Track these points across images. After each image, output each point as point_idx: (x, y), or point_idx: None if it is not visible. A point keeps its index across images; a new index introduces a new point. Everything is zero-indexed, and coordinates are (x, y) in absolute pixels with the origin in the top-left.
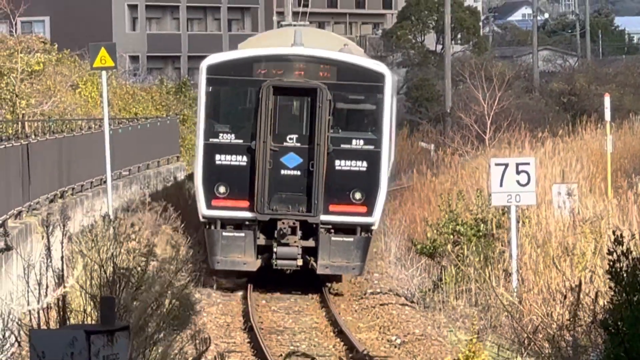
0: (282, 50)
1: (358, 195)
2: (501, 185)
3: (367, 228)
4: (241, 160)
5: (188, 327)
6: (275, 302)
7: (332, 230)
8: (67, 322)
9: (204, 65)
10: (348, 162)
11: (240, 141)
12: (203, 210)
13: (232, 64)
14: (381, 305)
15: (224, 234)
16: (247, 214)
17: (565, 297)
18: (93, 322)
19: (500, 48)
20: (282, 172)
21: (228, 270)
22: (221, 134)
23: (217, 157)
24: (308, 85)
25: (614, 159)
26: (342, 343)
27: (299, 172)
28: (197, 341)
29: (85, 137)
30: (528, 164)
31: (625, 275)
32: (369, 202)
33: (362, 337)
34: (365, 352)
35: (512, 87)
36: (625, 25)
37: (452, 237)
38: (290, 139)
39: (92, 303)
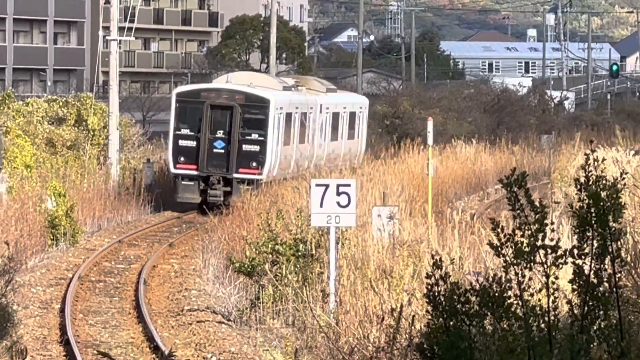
0: (216, 85)
1: (254, 164)
2: (321, 206)
3: (259, 181)
4: (193, 143)
5: (4, 339)
6: (92, 316)
7: (240, 182)
8: None
9: (174, 92)
10: (249, 146)
11: (193, 133)
12: (172, 169)
13: (190, 92)
14: (198, 322)
15: (183, 182)
16: (195, 172)
17: (382, 319)
18: None
19: (325, 69)
20: (214, 150)
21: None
22: (182, 129)
23: (180, 141)
24: (228, 104)
25: (435, 183)
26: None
27: (223, 151)
28: (14, 353)
29: None
30: (349, 185)
31: (442, 299)
32: (260, 168)
33: (178, 353)
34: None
35: None
36: (451, 50)
37: (271, 256)
38: (219, 132)
39: None
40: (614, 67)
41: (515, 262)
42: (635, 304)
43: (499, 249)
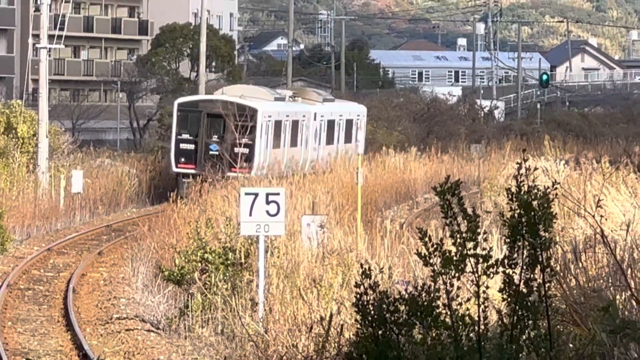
0: (212, 96)
1: (244, 165)
2: (250, 214)
3: (248, 179)
4: (192, 146)
5: None
6: (21, 324)
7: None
8: None
9: (176, 102)
10: (240, 149)
11: (192, 138)
12: (174, 169)
13: (189, 102)
14: (127, 330)
15: (183, 180)
16: (193, 171)
17: (311, 328)
18: None
19: (255, 77)
20: (210, 152)
21: None
22: (183, 134)
23: (181, 144)
24: (222, 113)
25: (365, 192)
26: None
27: (217, 153)
28: None
29: None
30: (278, 194)
31: (371, 308)
32: (249, 167)
33: None
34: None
35: None
36: (381, 59)
37: (200, 265)
38: (214, 137)
39: None
40: (544, 77)
41: (443, 271)
42: (564, 313)
43: (427, 258)
